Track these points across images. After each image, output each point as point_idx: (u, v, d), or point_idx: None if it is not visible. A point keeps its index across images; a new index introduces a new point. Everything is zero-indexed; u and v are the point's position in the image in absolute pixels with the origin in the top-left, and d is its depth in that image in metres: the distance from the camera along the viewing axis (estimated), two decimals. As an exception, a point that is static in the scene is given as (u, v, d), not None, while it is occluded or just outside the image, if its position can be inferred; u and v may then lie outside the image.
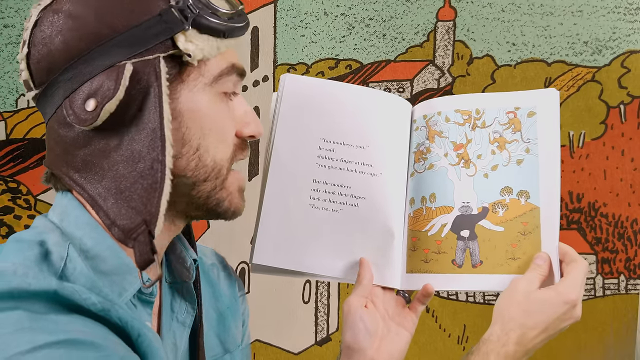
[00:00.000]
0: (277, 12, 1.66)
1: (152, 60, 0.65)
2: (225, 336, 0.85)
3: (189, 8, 0.66)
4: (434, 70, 1.67)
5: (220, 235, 1.66)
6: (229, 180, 0.73)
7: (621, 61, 1.63)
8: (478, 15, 1.65)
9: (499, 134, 0.83)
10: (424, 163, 0.86)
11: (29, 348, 0.55)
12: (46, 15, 0.67)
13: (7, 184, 1.65)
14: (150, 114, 0.64)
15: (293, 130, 0.85)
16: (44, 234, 0.67)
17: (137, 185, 0.64)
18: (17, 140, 1.65)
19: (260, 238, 0.83)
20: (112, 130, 0.66)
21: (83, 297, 0.60)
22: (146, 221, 0.63)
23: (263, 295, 1.64)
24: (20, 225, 1.64)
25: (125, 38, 0.65)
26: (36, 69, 0.68)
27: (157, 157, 0.64)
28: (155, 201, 0.63)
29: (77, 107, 0.65)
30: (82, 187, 0.67)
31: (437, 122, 0.86)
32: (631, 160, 1.62)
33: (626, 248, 1.64)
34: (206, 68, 0.69)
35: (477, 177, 0.83)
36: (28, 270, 0.60)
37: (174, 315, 0.76)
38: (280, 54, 1.66)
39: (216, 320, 0.84)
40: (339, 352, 0.86)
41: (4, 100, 1.65)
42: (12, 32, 1.65)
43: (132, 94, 0.64)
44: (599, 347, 1.63)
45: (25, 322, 0.57)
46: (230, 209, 0.73)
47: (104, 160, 0.66)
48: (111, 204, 0.66)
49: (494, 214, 0.82)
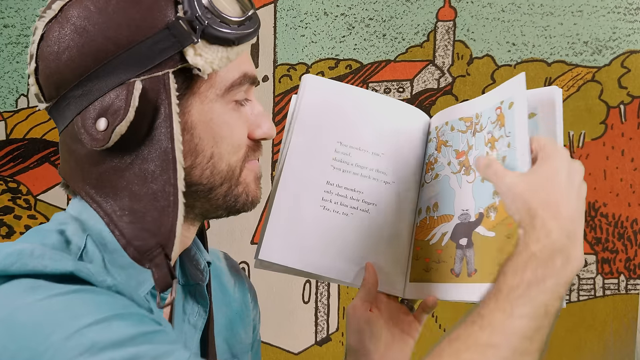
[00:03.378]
0: (277, 12, 1.65)
1: (161, 76, 0.64)
2: (233, 341, 0.84)
3: (198, 19, 0.63)
4: (434, 70, 1.67)
5: (221, 235, 1.65)
6: (244, 174, 0.72)
7: (621, 61, 1.63)
8: (478, 15, 1.65)
9: (491, 133, 0.78)
10: (431, 173, 0.85)
11: (45, 296, 0.56)
12: (52, 29, 0.66)
13: (7, 184, 1.65)
14: (161, 134, 0.64)
15: (311, 130, 0.84)
16: (63, 225, 0.67)
17: (150, 206, 0.64)
18: (17, 140, 1.65)
19: (268, 234, 0.82)
20: (125, 149, 0.65)
21: (99, 279, 0.61)
22: (161, 244, 0.63)
23: (263, 295, 1.63)
24: (20, 225, 1.64)
25: (133, 54, 0.63)
26: (45, 84, 0.67)
27: (169, 180, 0.63)
28: (169, 225, 0.63)
29: (88, 125, 0.64)
30: (99, 204, 0.66)
31: (445, 132, 0.85)
32: (631, 160, 1.62)
33: (626, 248, 1.64)
34: (218, 79, 0.68)
35: (476, 183, 0.80)
36: (45, 251, 0.61)
37: (186, 317, 0.76)
38: (280, 54, 1.66)
39: (225, 325, 0.84)
40: (344, 355, 0.86)
41: (4, 100, 1.65)
42: (12, 32, 1.65)
43: (142, 112, 0.63)
44: (599, 347, 1.63)
45: (41, 282, 0.58)
46: (248, 201, 0.73)
47: (117, 178, 0.65)
48: (126, 223, 0.65)
49: (487, 218, 0.77)
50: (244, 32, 0.67)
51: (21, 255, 0.60)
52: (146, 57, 0.64)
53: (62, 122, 0.68)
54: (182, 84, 0.66)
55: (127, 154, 0.65)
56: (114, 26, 0.64)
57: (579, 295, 1.64)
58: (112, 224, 0.65)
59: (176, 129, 0.63)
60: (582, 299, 1.64)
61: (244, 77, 0.70)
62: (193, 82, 0.67)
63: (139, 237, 0.64)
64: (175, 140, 0.63)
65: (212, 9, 0.65)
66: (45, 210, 1.65)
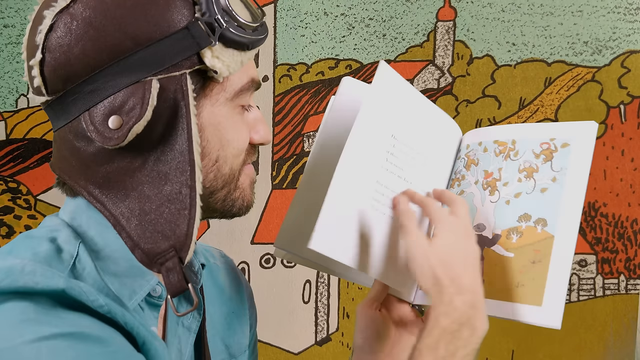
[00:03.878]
0: (277, 12, 1.65)
1: (179, 77, 0.63)
2: (230, 341, 0.84)
3: (216, 22, 0.63)
4: (434, 70, 1.67)
5: (220, 235, 1.66)
6: (242, 178, 0.72)
7: (621, 61, 1.63)
8: (478, 15, 1.65)
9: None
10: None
11: (33, 338, 0.54)
12: (63, 20, 0.63)
13: (7, 184, 1.65)
14: (178, 136, 0.63)
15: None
16: (55, 231, 0.66)
17: (164, 208, 0.62)
18: (17, 140, 1.65)
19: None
20: (137, 150, 0.63)
21: (91, 298, 0.60)
22: (175, 248, 0.62)
23: (263, 295, 1.64)
24: (20, 225, 1.64)
25: (150, 53, 0.62)
26: (51, 77, 0.65)
27: (186, 182, 0.62)
28: (185, 227, 0.61)
29: (98, 122, 0.63)
30: (104, 204, 0.65)
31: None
32: (631, 160, 1.62)
33: (626, 248, 1.64)
34: (229, 83, 0.68)
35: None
36: (37, 267, 0.59)
37: (180, 320, 0.75)
38: (280, 54, 1.66)
39: (222, 325, 0.84)
40: (351, 353, 0.86)
41: (4, 100, 1.65)
42: (12, 32, 1.65)
43: (159, 112, 0.62)
44: (599, 347, 1.63)
45: (31, 313, 0.56)
46: (243, 206, 0.73)
47: (127, 179, 0.64)
48: (134, 225, 0.63)
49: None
50: (257, 37, 0.67)
51: (10, 272, 0.58)
52: (163, 56, 0.63)
53: (64, 118, 0.66)
54: (197, 86, 0.65)
55: (139, 154, 0.63)
56: (132, 22, 0.62)
57: (579, 295, 1.64)
58: (118, 226, 0.64)
59: (194, 131, 0.62)
60: (582, 299, 1.64)
61: (251, 83, 0.70)
62: (206, 84, 0.66)
63: (150, 240, 0.62)
64: (193, 142, 0.62)
65: (229, 12, 0.64)
66: (45, 210, 1.65)
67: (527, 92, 1.64)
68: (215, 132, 0.68)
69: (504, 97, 1.65)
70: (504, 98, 1.65)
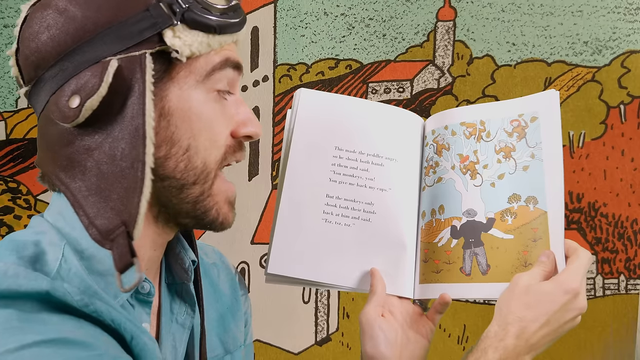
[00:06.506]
0: (277, 12, 1.65)
1: (138, 56, 0.63)
2: (225, 337, 0.84)
3: (178, 2, 0.64)
4: (434, 70, 1.67)
5: (220, 235, 1.65)
6: (216, 187, 0.70)
7: (621, 61, 1.63)
8: (478, 15, 1.65)
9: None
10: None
11: (17, 346, 0.54)
12: (35, 11, 0.66)
13: (7, 184, 1.65)
14: (134, 112, 0.62)
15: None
16: (39, 234, 0.65)
17: (117, 184, 0.62)
18: (17, 140, 1.65)
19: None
20: (96, 128, 0.64)
21: (76, 298, 0.60)
22: (125, 222, 0.60)
23: (263, 295, 1.63)
24: (20, 225, 1.64)
25: (111, 33, 0.63)
26: (24, 65, 0.67)
27: (137, 157, 0.61)
28: (135, 202, 0.60)
29: (61, 104, 0.63)
30: (66, 185, 0.65)
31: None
32: (631, 160, 1.62)
33: (626, 248, 1.64)
34: (196, 65, 0.67)
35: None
36: (19, 270, 0.59)
37: (174, 317, 0.75)
38: (280, 54, 1.66)
39: (216, 321, 0.84)
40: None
41: (4, 100, 1.65)
42: (12, 32, 1.64)
43: (115, 90, 0.62)
44: (599, 347, 1.63)
45: (14, 321, 0.56)
46: (218, 219, 0.71)
47: (87, 158, 0.64)
48: (91, 203, 0.63)
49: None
50: (226, 20, 0.67)
51: None
52: (124, 36, 0.63)
53: (39, 105, 0.67)
54: (160, 68, 0.65)
55: (98, 132, 0.64)
56: (94, 6, 0.64)
57: (579, 295, 1.64)
58: (77, 204, 0.64)
59: (149, 106, 0.62)
60: (582, 299, 1.64)
61: (225, 62, 0.69)
62: (171, 67, 0.66)
63: (103, 217, 0.62)
64: (147, 115, 0.62)
65: None
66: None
67: (527, 92, 1.64)
68: (184, 118, 0.67)
69: (504, 97, 1.65)
70: (504, 98, 1.65)
